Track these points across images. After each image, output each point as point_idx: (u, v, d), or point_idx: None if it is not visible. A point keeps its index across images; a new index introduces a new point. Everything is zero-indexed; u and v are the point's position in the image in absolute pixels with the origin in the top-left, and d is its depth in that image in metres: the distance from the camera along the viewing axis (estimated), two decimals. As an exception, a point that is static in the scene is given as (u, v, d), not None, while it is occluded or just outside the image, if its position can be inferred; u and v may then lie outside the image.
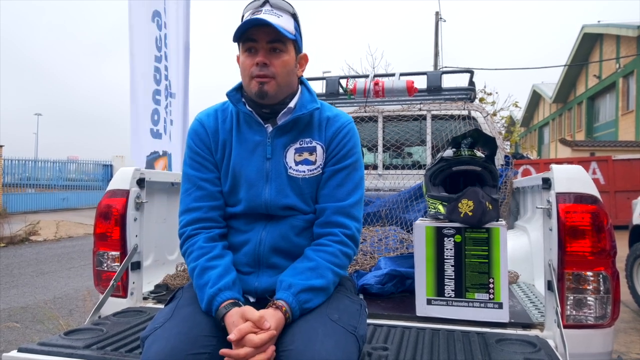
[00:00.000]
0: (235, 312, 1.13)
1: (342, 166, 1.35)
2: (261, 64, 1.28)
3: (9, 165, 15.47)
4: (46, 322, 4.17)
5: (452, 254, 1.71)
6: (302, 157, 1.35)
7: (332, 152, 1.36)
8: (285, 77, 1.32)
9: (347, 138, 1.37)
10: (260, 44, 1.28)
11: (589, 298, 1.59)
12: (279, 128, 1.35)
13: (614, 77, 20.11)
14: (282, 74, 1.31)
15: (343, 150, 1.36)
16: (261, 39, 1.28)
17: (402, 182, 3.36)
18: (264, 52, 1.29)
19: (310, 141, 1.36)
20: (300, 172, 1.34)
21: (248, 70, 1.30)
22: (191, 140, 1.41)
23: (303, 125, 1.37)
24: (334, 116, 1.40)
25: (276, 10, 1.30)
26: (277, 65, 1.29)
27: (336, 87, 3.54)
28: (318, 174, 1.36)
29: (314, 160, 1.35)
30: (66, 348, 1.43)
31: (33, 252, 8.75)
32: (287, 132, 1.36)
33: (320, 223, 1.34)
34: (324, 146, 1.37)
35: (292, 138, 1.36)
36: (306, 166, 1.35)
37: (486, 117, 3.32)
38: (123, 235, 1.97)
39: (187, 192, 1.38)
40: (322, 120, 1.39)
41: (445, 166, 1.85)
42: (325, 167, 1.36)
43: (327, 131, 1.37)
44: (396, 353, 1.42)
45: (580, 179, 1.65)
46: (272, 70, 1.28)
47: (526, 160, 12.21)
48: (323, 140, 1.37)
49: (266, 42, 1.28)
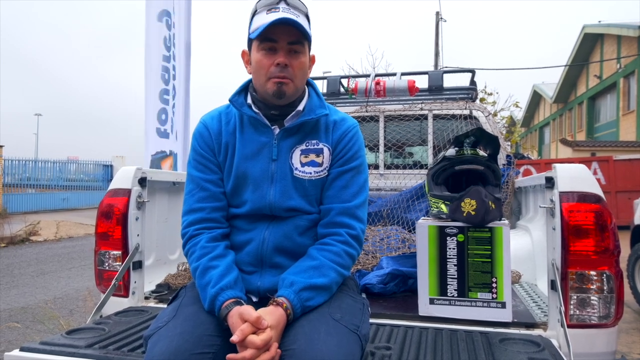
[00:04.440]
0: (235, 311, 1.13)
1: (348, 168, 1.36)
2: (282, 64, 1.27)
3: (9, 165, 15.48)
4: (47, 322, 4.17)
5: (455, 253, 1.71)
6: (308, 158, 1.35)
7: (338, 155, 1.37)
8: (301, 79, 1.33)
9: (354, 141, 1.38)
10: (281, 44, 1.27)
11: (593, 297, 1.58)
12: (286, 130, 1.35)
13: (615, 77, 20.09)
14: (300, 76, 1.31)
15: (349, 153, 1.37)
16: (282, 39, 1.27)
17: (404, 182, 3.35)
18: (285, 53, 1.27)
19: (317, 143, 1.37)
20: (306, 174, 1.34)
21: (265, 70, 1.28)
22: (196, 142, 1.42)
23: (310, 128, 1.37)
24: (340, 119, 1.41)
25: (293, 10, 1.28)
26: (296, 67, 1.29)
27: (337, 87, 3.53)
28: (324, 175, 1.36)
29: (321, 162, 1.36)
30: (68, 347, 1.42)
31: (33, 253, 8.74)
32: (293, 134, 1.36)
33: (325, 223, 1.34)
34: (330, 148, 1.37)
35: (299, 140, 1.36)
36: (312, 168, 1.35)
37: (488, 117, 3.32)
38: (125, 234, 1.97)
39: (190, 193, 1.38)
40: (329, 123, 1.39)
41: (447, 165, 1.84)
42: (331, 169, 1.36)
43: (334, 134, 1.38)
44: (399, 352, 1.41)
45: (583, 178, 1.65)
46: (291, 71, 1.28)
47: (527, 161, 12.19)
48: (330, 142, 1.37)
49: (287, 43, 1.27)
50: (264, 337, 1.06)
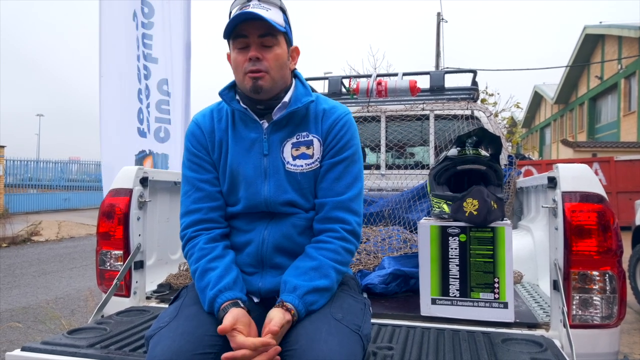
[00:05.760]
0: (231, 318, 1.11)
1: (340, 159, 1.33)
2: (254, 58, 1.27)
3: (11, 165, 15.50)
4: (48, 322, 4.17)
5: (457, 253, 1.70)
6: (299, 151, 1.34)
7: (329, 145, 1.34)
8: (278, 71, 1.31)
9: (344, 130, 1.35)
10: (252, 39, 1.27)
11: (595, 298, 1.58)
12: (275, 123, 1.34)
13: (616, 77, 20.06)
14: (276, 68, 1.29)
15: (340, 143, 1.34)
16: (252, 34, 1.27)
17: (405, 182, 3.35)
18: (256, 47, 1.27)
19: (307, 135, 1.35)
20: (298, 167, 1.33)
21: (241, 67, 1.29)
22: (188, 142, 1.40)
23: (299, 119, 1.36)
24: (330, 108, 1.38)
25: (264, 4, 1.29)
26: (270, 59, 1.28)
27: (338, 87, 3.53)
28: (316, 167, 1.34)
29: (312, 154, 1.34)
30: (70, 347, 1.42)
31: (35, 253, 8.75)
32: (283, 127, 1.35)
33: (320, 218, 1.32)
34: (320, 139, 1.35)
35: (289, 133, 1.35)
36: (304, 160, 1.33)
37: (489, 117, 3.31)
38: (126, 234, 1.97)
39: (186, 194, 1.37)
40: (318, 112, 1.37)
41: (449, 165, 1.84)
42: (323, 161, 1.34)
43: (324, 124, 1.36)
44: (401, 352, 1.41)
45: (586, 177, 1.64)
46: (265, 64, 1.27)
47: (528, 161, 12.19)
48: (320, 133, 1.35)
49: (257, 37, 1.27)
50: (254, 341, 1.06)
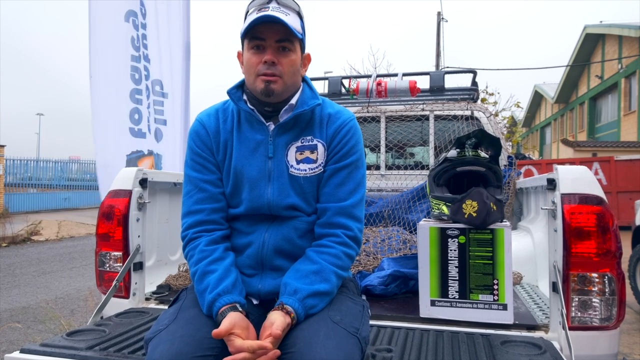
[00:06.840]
0: (228, 323, 1.10)
1: (344, 164, 1.33)
2: (269, 62, 1.26)
3: (11, 165, 15.51)
4: (48, 322, 4.17)
5: (456, 255, 1.70)
6: (303, 155, 1.33)
7: (333, 150, 1.34)
8: (291, 77, 1.31)
9: (349, 136, 1.35)
10: (269, 42, 1.27)
11: (594, 300, 1.58)
12: (281, 126, 1.33)
13: (616, 77, 20.05)
14: (289, 74, 1.29)
15: (345, 149, 1.34)
16: (270, 37, 1.26)
17: (405, 183, 3.35)
18: (272, 51, 1.27)
19: (311, 139, 1.35)
20: (301, 171, 1.33)
21: (254, 68, 1.28)
22: (192, 141, 1.39)
23: (304, 123, 1.35)
24: (335, 113, 1.38)
25: (283, 8, 1.28)
26: (285, 65, 1.28)
27: (338, 87, 3.53)
28: (319, 172, 1.34)
29: (315, 158, 1.34)
30: (68, 349, 1.42)
31: (35, 252, 8.75)
32: (288, 130, 1.34)
33: (322, 223, 1.32)
34: (325, 144, 1.35)
35: (294, 136, 1.34)
36: (307, 165, 1.33)
37: (489, 118, 3.31)
38: (125, 235, 1.97)
39: (188, 195, 1.36)
40: (323, 117, 1.37)
41: (449, 166, 1.84)
42: (327, 166, 1.34)
43: (329, 129, 1.35)
44: (400, 354, 1.41)
45: (585, 179, 1.64)
46: (279, 69, 1.27)
47: (528, 161, 12.19)
48: (324, 138, 1.35)
49: (275, 41, 1.26)
50: (252, 344, 1.06)
